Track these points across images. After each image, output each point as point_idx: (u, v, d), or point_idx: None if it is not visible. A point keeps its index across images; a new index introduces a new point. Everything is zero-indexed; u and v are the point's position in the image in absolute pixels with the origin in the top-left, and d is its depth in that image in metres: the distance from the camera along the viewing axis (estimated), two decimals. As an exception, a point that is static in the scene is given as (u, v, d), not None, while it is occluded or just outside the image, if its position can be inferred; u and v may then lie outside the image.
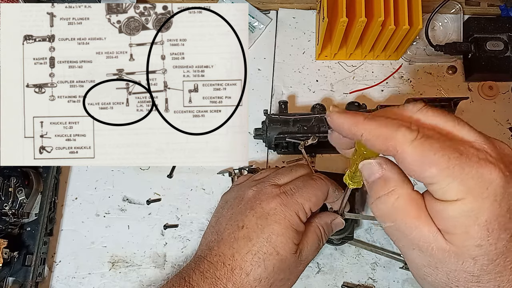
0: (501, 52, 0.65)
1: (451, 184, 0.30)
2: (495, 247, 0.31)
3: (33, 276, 0.56)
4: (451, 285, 0.33)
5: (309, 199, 0.46)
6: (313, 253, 0.48)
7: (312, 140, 0.56)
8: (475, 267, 0.31)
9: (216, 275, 0.45)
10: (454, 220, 0.31)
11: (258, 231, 0.45)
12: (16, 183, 0.56)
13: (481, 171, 0.30)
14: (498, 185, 0.30)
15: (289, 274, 0.46)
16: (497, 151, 0.31)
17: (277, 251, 0.45)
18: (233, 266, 0.45)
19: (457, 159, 0.30)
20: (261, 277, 0.44)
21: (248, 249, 0.45)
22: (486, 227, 0.30)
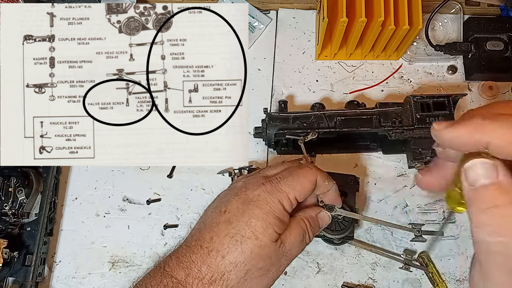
0: (501, 52, 0.65)
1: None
2: None
3: (33, 276, 0.56)
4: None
5: (294, 188, 0.46)
6: (297, 246, 0.47)
7: (312, 136, 0.56)
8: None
9: (191, 259, 0.44)
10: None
11: (239, 214, 0.45)
12: (16, 183, 0.56)
13: None
14: None
15: (269, 264, 0.45)
16: None
17: (256, 235, 0.44)
18: (210, 248, 0.44)
19: None
20: (237, 261, 0.43)
21: (227, 231, 0.44)
22: None
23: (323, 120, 0.58)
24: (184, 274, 0.43)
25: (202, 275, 0.43)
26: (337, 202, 0.50)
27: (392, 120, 0.58)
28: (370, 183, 0.62)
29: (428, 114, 0.57)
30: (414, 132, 0.57)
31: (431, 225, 0.60)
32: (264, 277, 0.45)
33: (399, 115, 0.58)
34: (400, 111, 0.58)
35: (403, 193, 0.62)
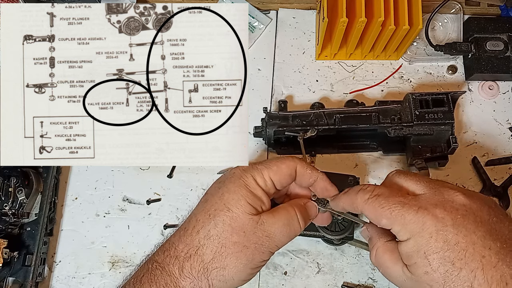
0: (501, 52, 0.65)
1: (399, 229, 0.41)
2: (440, 274, 0.39)
3: (33, 276, 0.56)
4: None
5: (269, 168, 0.46)
6: (281, 229, 0.46)
7: (311, 133, 0.56)
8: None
9: (171, 241, 0.45)
10: (407, 255, 0.41)
11: (214, 192, 0.46)
12: (16, 183, 0.56)
13: (417, 217, 0.40)
14: (431, 225, 0.40)
15: (245, 240, 0.44)
16: (439, 199, 0.41)
17: (227, 207, 0.45)
18: (186, 227, 0.45)
19: (400, 210, 0.41)
20: (211, 234, 0.44)
21: (202, 208, 0.46)
22: (426, 258, 0.39)
23: (323, 118, 0.58)
24: (163, 255, 0.45)
25: (178, 253, 0.44)
26: (330, 192, 0.49)
27: (391, 117, 0.58)
28: (370, 183, 0.62)
29: (427, 111, 0.57)
30: (413, 128, 0.57)
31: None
32: (242, 254, 0.45)
33: (398, 112, 0.58)
34: (399, 109, 0.59)
35: (403, 193, 0.62)
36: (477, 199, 0.42)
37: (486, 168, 0.63)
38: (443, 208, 0.41)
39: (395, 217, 0.41)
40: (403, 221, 0.41)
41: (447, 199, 0.42)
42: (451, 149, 0.58)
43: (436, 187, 0.43)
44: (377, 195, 0.43)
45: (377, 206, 0.43)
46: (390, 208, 0.42)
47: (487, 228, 0.40)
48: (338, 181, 0.56)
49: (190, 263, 0.44)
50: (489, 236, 0.40)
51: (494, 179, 0.63)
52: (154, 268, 0.45)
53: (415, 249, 0.40)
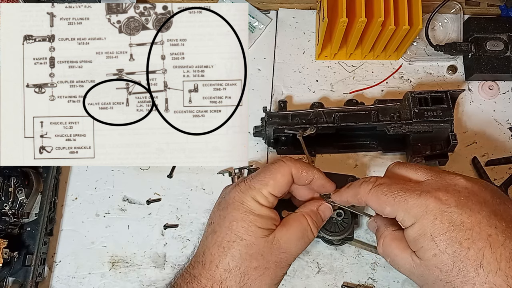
0: (501, 52, 0.65)
1: (403, 215, 0.41)
2: (448, 255, 0.39)
3: (33, 276, 0.56)
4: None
5: (266, 183, 0.46)
6: (297, 242, 0.47)
7: (311, 131, 0.56)
8: (441, 273, 0.40)
9: (193, 274, 0.45)
10: (414, 240, 0.41)
11: (221, 222, 0.46)
12: (16, 183, 0.56)
13: (420, 200, 0.41)
14: (435, 207, 0.40)
15: (264, 262, 0.45)
16: (441, 183, 0.42)
17: (240, 237, 0.44)
18: (204, 261, 0.45)
19: (403, 195, 0.41)
20: (230, 266, 0.44)
21: (214, 241, 0.45)
22: (433, 240, 0.40)
23: (322, 116, 0.58)
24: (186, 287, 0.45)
25: (203, 286, 0.44)
26: (328, 188, 0.49)
27: (390, 115, 0.58)
28: (370, 183, 0.62)
29: (426, 108, 0.57)
30: (412, 126, 0.57)
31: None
32: (265, 276, 0.45)
33: (398, 110, 0.58)
34: (398, 107, 0.59)
35: (403, 193, 0.62)
36: (479, 182, 0.43)
37: (486, 168, 0.63)
38: (446, 191, 0.41)
39: (399, 203, 0.41)
40: (406, 206, 0.41)
41: (449, 183, 0.42)
42: (451, 146, 0.58)
43: (437, 173, 0.43)
44: (379, 184, 0.44)
45: (380, 195, 0.43)
46: (393, 195, 0.42)
47: (491, 208, 0.40)
48: (338, 181, 0.56)
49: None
50: (494, 216, 0.39)
51: (494, 179, 0.63)
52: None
53: (421, 232, 0.40)
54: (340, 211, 0.54)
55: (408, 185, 0.43)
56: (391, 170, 0.47)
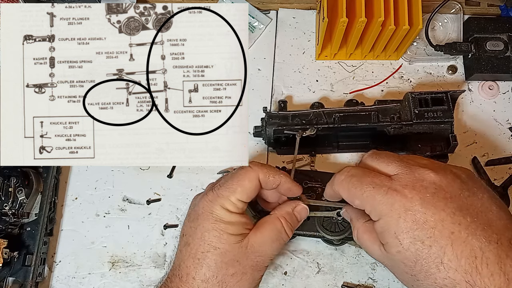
0: (501, 52, 0.65)
1: (370, 210, 0.43)
2: (411, 252, 0.40)
3: (33, 276, 0.56)
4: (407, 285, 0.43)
5: (234, 190, 0.46)
6: (271, 245, 0.47)
7: (311, 131, 0.56)
8: (406, 267, 0.41)
9: (171, 287, 0.46)
10: (380, 234, 0.43)
11: (193, 233, 0.46)
12: (16, 183, 0.56)
13: (386, 198, 0.42)
14: (400, 206, 0.41)
15: (241, 268, 0.45)
16: (410, 179, 0.42)
17: (213, 246, 0.45)
18: (181, 274, 0.45)
19: (371, 191, 0.43)
20: (207, 277, 0.44)
21: (188, 254, 0.46)
22: (397, 238, 0.41)
23: (322, 117, 0.58)
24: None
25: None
26: (296, 192, 0.50)
27: (390, 116, 0.58)
28: (370, 183, 0.62)
29: (427, 109, 0.57)
30: (412, 127, 0.57)
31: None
32: (243, 281, 0.46)
33: (398, 111, 0.58)
34: (398, 107, 0.59)
35: (403, 193, 0.62)
36: (449, 173, 0.43)
37: (486, 168, 0.63)
38: (413, 187, 0.42)
39: (367, 198, 0.43)
40: (374, 202, 0.42)
41: (417, 178, 0.42)
42: (451, 147, 0.58)
43: (408, 166, 0.44)
44: (351, 176, 0.45)
45: (350, 187, 0.44)
46: (362, 189, 0.43)
47: (457, 203, 0.41)
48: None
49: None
50: (459, 211, 0.40)
51: (494, 179, 0.63)
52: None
53: (386, 228, 0.42)
54: (340, 211, 0.54)
55: (378, 179, 0.43)
56: (365, 161, 0.47)
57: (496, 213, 0.41)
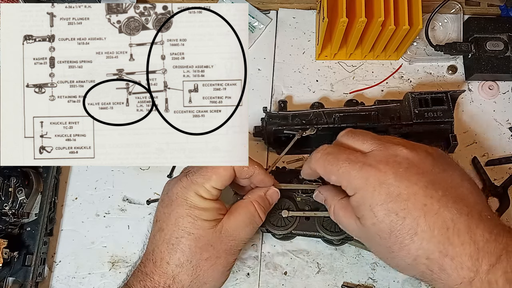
0: (501, 52, 0.65)
1: (346, 185, 0.44)
2: (385, 224, 0.41)
3: (33, 276, 0.56)
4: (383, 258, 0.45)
5: (209, 178, 0.46)
6: (245, 228, 0.48)
7: (311, 131, 0.56)
8: (381, 239, 0.42)
9: (145, 272, 0.46)
10: (356, 208, 0.44)
11: (167, 219, 0.47)
12: (16, 183, 0.56)
13: (361, 173, 0.43)
14: (374, 179, 0.42)
15: (215, 252, 0.46)
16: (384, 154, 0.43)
17: (187, 232, 0.45)
18: (155, 259, 0.46)
19: (346, 167, 0.44)
20: (181, 261, 0.45)
21: (162, 239, 0.46)
22: (372, 210, 0.42)
23: (322, 117, 0.58)
24: (140, 286, 0.46)
25: (156, 284, 0.45)
26: (267, 183, 0.51)
27: (390, 116, 0.58)
28: (370, 183, 0.62)
29: (427, 109, 0.57)
30: (412, 127, 0.57)
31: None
32: (217, 265, 0.47)
33: (398, 111, 0.58)
34: (398, 108, 0.59)
35: (403, 193, 0.62)
36: (421, 151, 0.44)
37: (486, 168, 0.63)
38: (386, 163, 0.43)
39: (342, 174, 0.44)
40: (349, 177, 0.44)
41: (391, 154, 0.44)
42: (451, 147, 0.58)
43: (382, 143, 0.45)
44: (327, 153, 0.46)
45: (326, 164, 0.46)
46: (338, 165, 0.44)
47: (429, 178, 0.42)
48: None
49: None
50: (431, 185, 0.41)
51: (494, 179, 0.63)
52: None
53: (361, 202, 0.43)
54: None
55: (353, 155, 0.45)
56: (340, 139, 0.49)
57: (467, 189, 0.43)
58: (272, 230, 0.55)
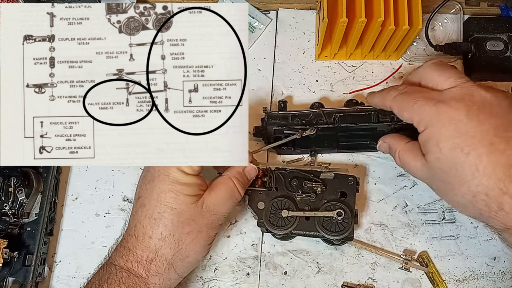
0: (501, 52, 0.65)
1: (417, 120, 0.46)
2: (449, 158, 0.43)
3: (33, 276, 0.56)
4: (444, 195, 0.47)
5: None
6: (225, 203, 0.50)
7: (310, 131, 0.56)
8: (443, 174, 0.44)
9: (127, 247, 0.48)
10: (424, 144, 0.46)
11: (149, 195, 0.48)
12: (16, 183, 0.56)
13: (434, 109, 0.44)
14: (445, 115, 0.43)
15: (196, 226, 0.48)
16: (461, 93, 0.44)
17: (170, 207, 0.47)
18: (137, 234, 0.48)
19: (421, 102, 0.45)
20: (164, 235, 0.47)
21: (144, 214, 0.48)
22: (438, 145, 0.44)
23: (322, 117, 0.58)
24: (123, 260, 0.47)
25: (139, 258, 0.47)
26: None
27: (390, 116, 0.58)
28: (370, 183, 0.62)
29: None
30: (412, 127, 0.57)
31: (431, 225, 0.60)
32: (199, 239, 0.48)
33: None
34: None
35: (403, 193, 0.62)
36: (500, 94, 0.45)
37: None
38: (461, 100, 0.44)
39: (416, 110, 0.46)
40: (422, 113, 0.45)
41: (467, 93, 0.44)
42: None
43: (463, 82, 0.45)
44: (404, 92, 0.48)
45: (402, 101, 0.48)
46: (413, 102, 0.46)
47: (502, 120, 0.43)
48: (338, 180, 0.57)
49: (154, 264, 0.47)
50: (502, 127, 0.42)
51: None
52: (119, 271, 0.47)
53: (429, 137, 0.45)
54: (340, 211, 0.54)
55: (430, 93, 0.46)
56: (425, 68, 0.49)
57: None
58: (272, 230, 0.55)
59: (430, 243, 0.60)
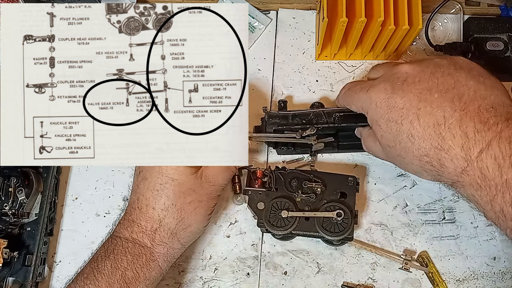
0: (501, 52, 0.65)
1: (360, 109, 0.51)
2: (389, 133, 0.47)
3: (33, 276, 0.56)
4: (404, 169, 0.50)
5: None
6: (222, 174, 0.52)
7: (310, 131, 0.56)
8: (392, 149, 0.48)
9: (131, 219, 0.50)
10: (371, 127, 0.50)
11: (150, 168, 0.50)
12: (16, 183, 0.56)
13: (367, 95, 0.49)
14: (377, 97, 0.48)
15: (197, 196, 0.50)
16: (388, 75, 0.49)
17: (171, 178, 0.49)
18: (140, 206, 0.49)
19: (357, 94, 0.51)
20: (166, 205, 0.49)
21: (146, 187, 0.49)
22: (378, 124, 0.48)
23: (322, 117, 0.58)
24: (128, 232, 0.49)
25: (143, 228, 0.49)
26: None
27: None
28: (370, 183, 0.62)
29: None
30: None
31: (431, 225, 0.60)
32: (200, 208, 0.50)
33: None
34: None
35: (403, 193, 0.62)
36: (424, 63, 0.48)
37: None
38: (387, 80, 0.48)
39: (356, 100, 0.51)
40: (360, 101, 0.50)
41: (393, 72, 0.49)
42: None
43: (391, 67, 0.50)
44: (347, 89, 0.54)
45: (346, 96, 0.54)
46: (353, 95, 0.52)
47: (426, 85, 0.46)
48: (338, 181, 0.57)
49: (158, 234, 0.48)
50: (426, 91, 0.45)
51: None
52: (124, 242, 0.48)
53: (371, 120, 0.49)
54: (340, 211, 0.54)
55: (365, 83, 0.51)
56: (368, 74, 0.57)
57: (473, 86, 0.45)
58: (271, 231, 0.55)
59: (430, 243, 0.60)
